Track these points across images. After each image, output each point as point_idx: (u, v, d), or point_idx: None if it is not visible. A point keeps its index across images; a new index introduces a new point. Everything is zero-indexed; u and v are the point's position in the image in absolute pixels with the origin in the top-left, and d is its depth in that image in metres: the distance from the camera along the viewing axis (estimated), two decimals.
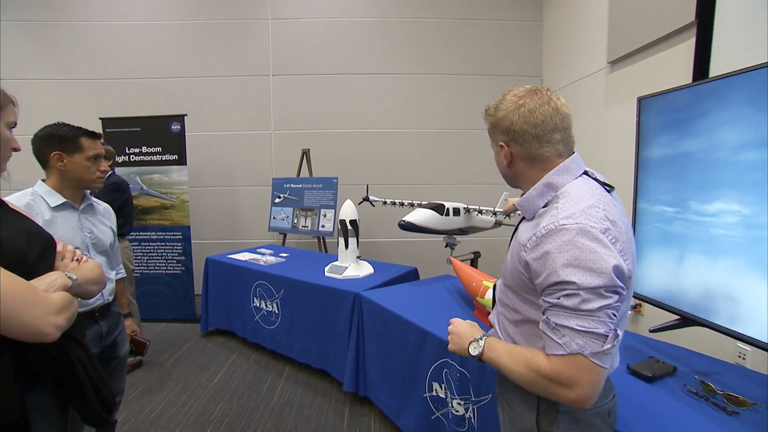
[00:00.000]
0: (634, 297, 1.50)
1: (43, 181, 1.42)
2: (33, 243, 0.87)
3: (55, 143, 1.34)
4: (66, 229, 1.40)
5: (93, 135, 1.42)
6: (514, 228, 1.01)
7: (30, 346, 0.74)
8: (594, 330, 0.67)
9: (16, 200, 1.33)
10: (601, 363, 0.68)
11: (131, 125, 3.33)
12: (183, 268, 3.39)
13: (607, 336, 0.68)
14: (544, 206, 0.80)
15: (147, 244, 3.36)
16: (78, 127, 1.40)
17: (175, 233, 3.36)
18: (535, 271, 0.73)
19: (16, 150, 0.91)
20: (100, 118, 3.34)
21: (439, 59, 3.91)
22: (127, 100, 3.79)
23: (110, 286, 1.54)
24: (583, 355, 0.68)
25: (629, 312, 0.92)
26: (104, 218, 1.58)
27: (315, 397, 2.31)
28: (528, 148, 0.81)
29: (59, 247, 1.03)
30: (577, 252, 0.68)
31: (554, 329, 0.70)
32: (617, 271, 0.68)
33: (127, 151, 3.34)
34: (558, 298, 0.69)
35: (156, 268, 3.38)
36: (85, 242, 1.45)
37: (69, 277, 0.88)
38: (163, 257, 3.37)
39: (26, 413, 0.73)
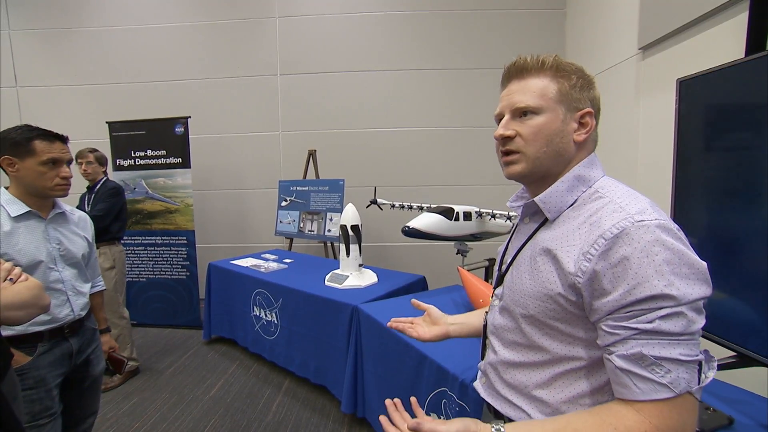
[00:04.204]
0: None
1: (6, 188, 1.32)
2: None
3: (6, 147, 1.23)
4: (29, 241, 1.29)
5: (52, 137, 1.28)
6: (509, 235, 0.80)
7: None
8: (696, 357, 0.52)
9: None
10: (699, 401, 0.54)
11: (136, 128, 3.29)
12: (188, 273, 3.32)
13: (701, 362, 0.53)
14: (571, 204, 0.64)
15: (152, 248, 3.32)
16: (36, 128, 1.27)
17: (180, 238, 3.30)
18: (608, 283, 0.54)
19: None
20: (106, 122, 3.32)
21: (451, 54, 3.68)
22: (134, 104, 3.78)
23: (83, 301, 1.43)
24: (691, 393, 0.51)
25: None
26: (78, 228, 1.47)
27: (312, 415, 2.15)
28: (596, 129, 0.67)
29: None
30: (668, 254, 0.51)
31: (653, 365, 0.51)
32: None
33: (132, 155, 3.31)
34: (651, 321, 0.51)
35: (161, 273, 3.33)
36: (52, 254, 1.34)
37: None
38: (168, 262, 3.32)
39: None
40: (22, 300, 0.89)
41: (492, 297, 0.77)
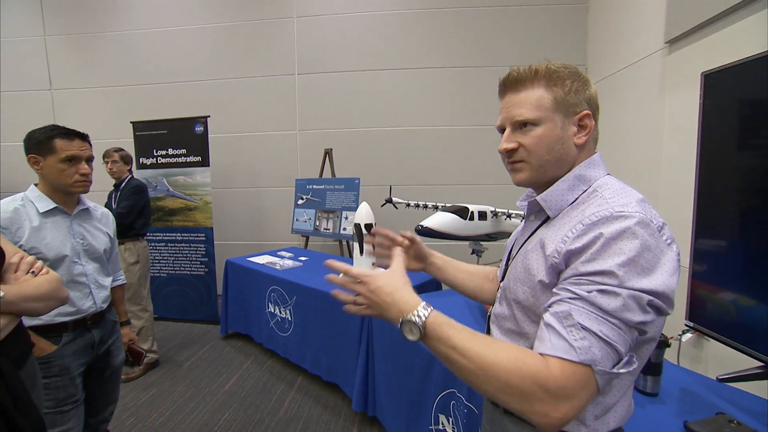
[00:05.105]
0: (692, 328, 1.19)
1: (36, 185, 1.39)
2: None
3: (32, 146, 1.30)
4: (55, 236, 1.35)
5: (71, 135, 1.33)
6: (516, 233, 0.83)
7: None
8: (616, 345, 0.54)
9: (5, 205, 1.30)
10: (600, 386, 0.54)
11: (158, 128, 3.40)
12: (206, 270, 3.41)
13: (622, 360, 0.55)
14: (572, 203, 0.67)
15: (173, 245, 3.42)
16: (58, 127, 1.32)
17: (199, 234, 3.39)
18: (573, 256, 0.58)
19: None
20: (130, 122, 3.44)
21: (468, 52, 3.63)
22: (157, 104, 3.90)
23: (104, 294, 1.49)
24: (594, 369, 0.53)
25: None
26: (100, 224, 1.53)
27: (323, 412, 2.17)
28: (596, 128, 0.68)
29: (14, 258, 0.96)
30: (635, 244, 0.54)
31: (573, 326, 0.54)
32: (672, 281, 0.54)
33: (154, 154, 3.42)
34: (590, 291, 0.54)
35: (181, 269, 3.43)
36: (76, 249, 1.40)
37: None
38: (188, 258, 3.41)
39: None
40: (42, 292, 0.93)
41: (498, 289, 0.79)
